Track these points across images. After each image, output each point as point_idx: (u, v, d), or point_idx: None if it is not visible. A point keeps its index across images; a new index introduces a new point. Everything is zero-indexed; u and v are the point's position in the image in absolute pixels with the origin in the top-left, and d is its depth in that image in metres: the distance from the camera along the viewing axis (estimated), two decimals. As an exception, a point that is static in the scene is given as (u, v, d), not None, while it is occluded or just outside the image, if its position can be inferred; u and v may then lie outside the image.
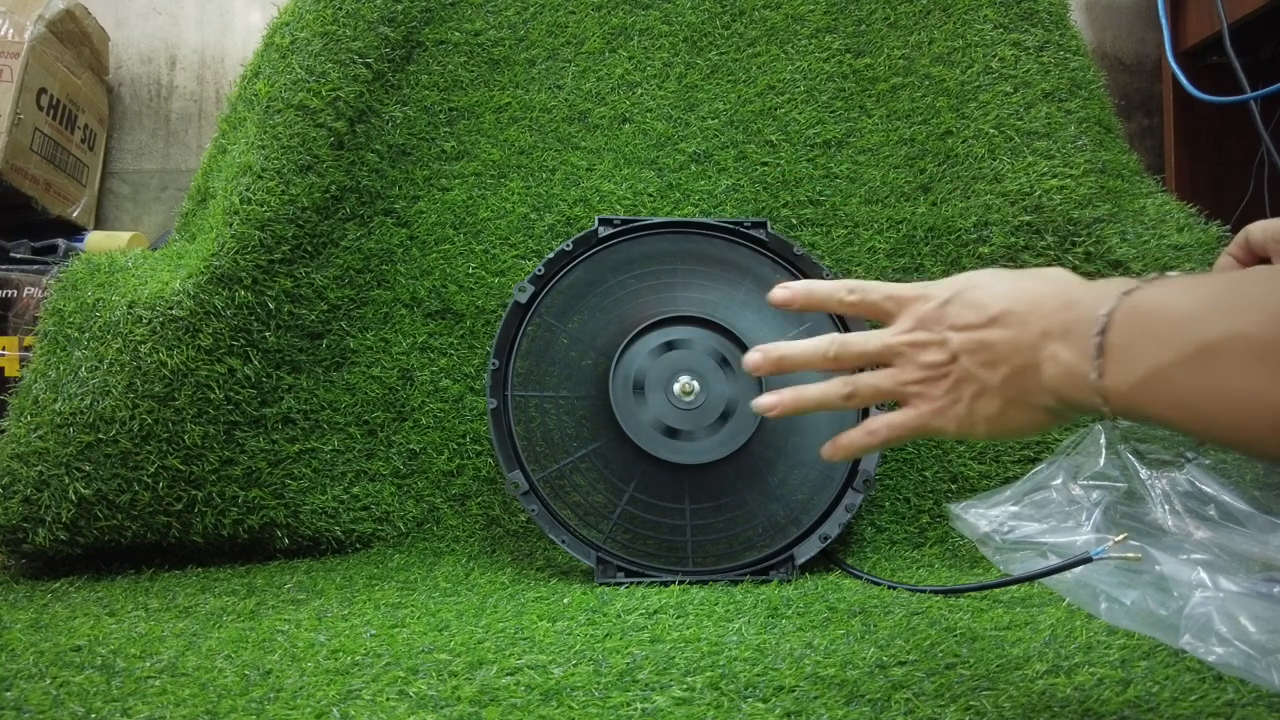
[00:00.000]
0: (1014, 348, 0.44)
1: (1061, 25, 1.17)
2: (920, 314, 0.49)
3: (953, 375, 0.47)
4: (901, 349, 0.49)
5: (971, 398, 0.47)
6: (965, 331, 0.46)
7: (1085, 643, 0.65)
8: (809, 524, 0.95)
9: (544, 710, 0.53)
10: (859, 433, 0.51)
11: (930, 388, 0.48)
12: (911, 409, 0.49)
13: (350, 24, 1.07)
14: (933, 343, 0.48)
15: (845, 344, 0.51)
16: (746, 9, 1.21)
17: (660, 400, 0.95)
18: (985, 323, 0.46)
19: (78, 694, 0.55)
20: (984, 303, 0.46)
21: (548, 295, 1.00)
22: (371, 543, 1.02)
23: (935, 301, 0.49)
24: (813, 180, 1.14)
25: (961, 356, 0.46)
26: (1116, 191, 1.08)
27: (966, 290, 0.48)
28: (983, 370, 0.46)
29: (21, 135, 1.40)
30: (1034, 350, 0.44)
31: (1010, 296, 0.46)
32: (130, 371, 0.89)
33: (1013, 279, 0.47)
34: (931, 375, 0.48)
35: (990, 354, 0.45)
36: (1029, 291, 0.46)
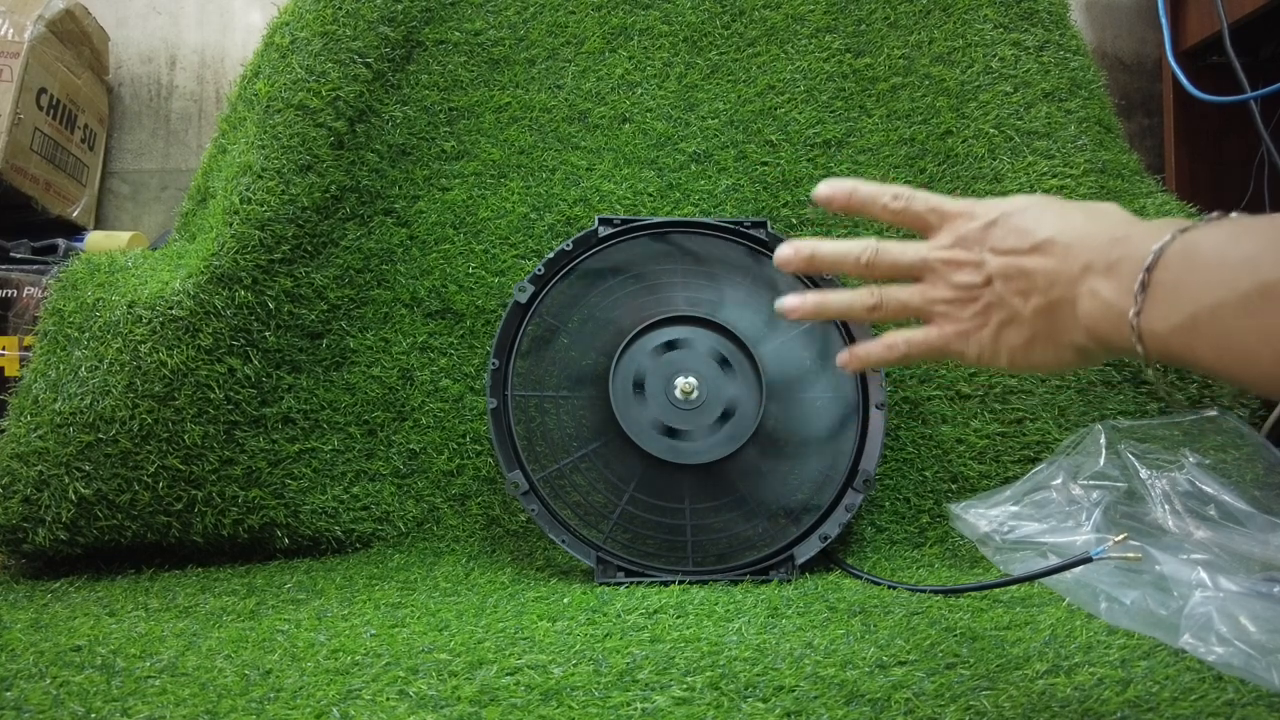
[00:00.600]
0: (1053, 278, 0.43)
1: (1061, 25, 1.17)
2: (962, 232, 0.47)
3: (984, 299, 0.46)
4: (936, 265, 0.47)
5: (999, 325, 0.45)
6: (1005, 256, 0.45)
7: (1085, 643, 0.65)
8: (809, 524, 0.95)
9: (544, 710, 0.53)
10: (877, 345, 0.50)
11: (958, 309, 0.46)
12: (934, 328, 0.48)
13: (350, 24, 1.07)
14: (969, 262, 0.46)
15: (880, 251, 0.49)
16: (746, 9, 1.21)
17: (660, 400, 0.95)
18: (1028, 249, 0.44)
19: (78, 694, 0.55)
20: (1029, 228, 0.45)
21: (548, 295, 1.00)
22: (371, 543, 1.02)
23: (980, 221, 0.47)
24: (813, 180, 1.14)
25: (996, 281, 0.45)
26: (1116, 191, 1.08)
27: (1014, 214, 0.46)
28: (1016, 298, 0.44)
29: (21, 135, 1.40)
30: (1073, 283, 0.42)
31: (1058, 225, 0.44)
32: (130, 371, 0.89)
33: (1064, 208, 0.46)
34: (962, 296, 0.46)
35: (1027, 282, 0.44)
36: (1078, 223, 0.44)
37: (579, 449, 0.96)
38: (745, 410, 0.96)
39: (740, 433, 0.95)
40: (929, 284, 0.48)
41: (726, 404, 0.96)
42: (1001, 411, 1.02)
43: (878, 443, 0.98)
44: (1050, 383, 1.03)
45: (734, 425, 0.96)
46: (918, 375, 1.07)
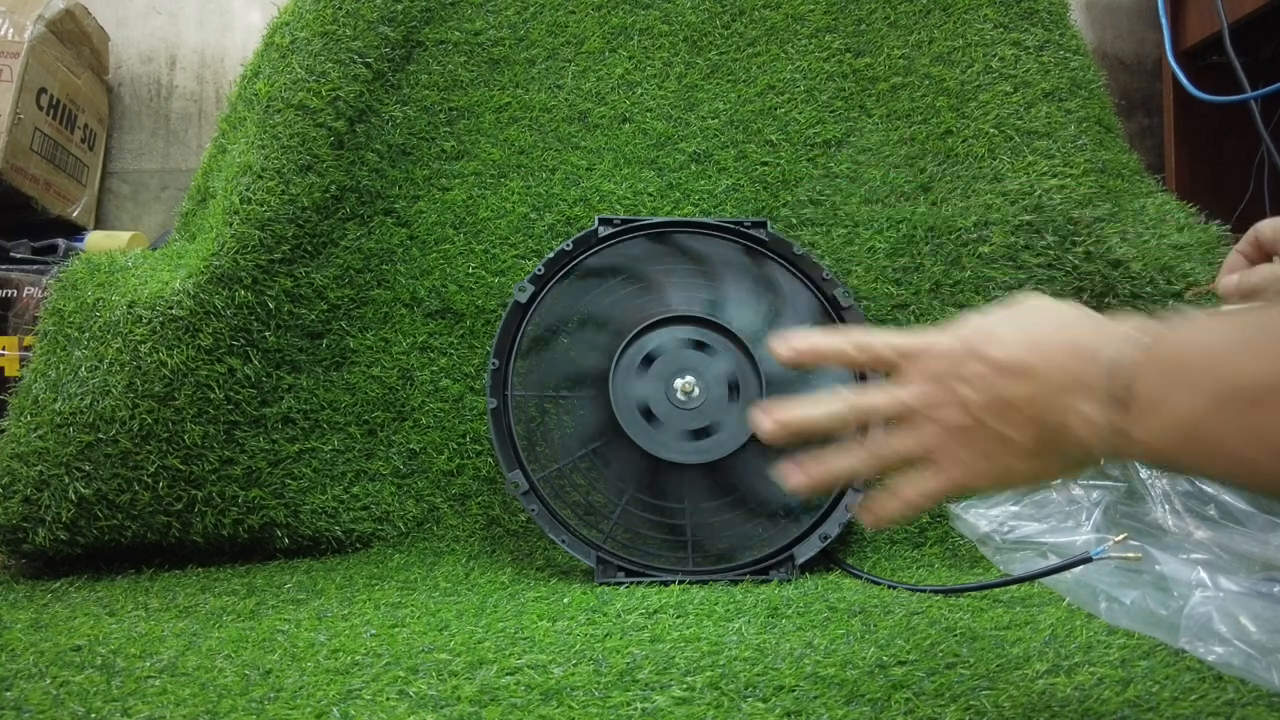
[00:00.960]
0: (1035, 405, 0.42)
1: (1061, 25, 1.17)
2: (929, 370, 0.46)
3: (977, 434, 0.44)
4: (917, 408, 0.46)
5: (1002, 455, 0.44)
6: (981, 390, 0.44)
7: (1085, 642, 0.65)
8: (809, 524, 0.95)
9: (544, 710, 0.53)
10: (897, 505, 0.49)
11: (955, 448, 0.45)
12: (941, 471, 0.46)
13: (350, 24, 1.07)
14: (948, 401, 0.45)
15: (859, 408, 0.49)
16: (746, 9, 1.21)
17: (660, 400, 0.95)
18: (1000, 378, 0.43)
19: (78, 694, 0.55)
20: (997, 358, 0.44)
21: (548, 295, 1.00)
22: (371, 542, 1.02)
23: (945, 356, 0.46)
24: (813, 180, 1.14)
25: (981, 414, 0.44)
26: (1116, 191, 1.08)
27: (975, 341, 0.45)
28: (1009, 428, 0.43)
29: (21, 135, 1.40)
30: (1056, 407, 0.42)
31: (1025, 346, 0.43)
32: (130, 371, 0.89)
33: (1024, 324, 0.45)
34: (954, 435, 0.45)
35: (1012, 412, 0.43)
36: (1041, 338, 0.43)
37: (579, 449, 0.96)
38: (747, 392, 0.96)
39: (740, 432, 0.95)
40: (917, 429, 0.47)
41: (729, 390, 0.96)
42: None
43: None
44: (1050, 383, 1.02)
45: (734, 425, 0.96)
46: (918, 375, 1.07)
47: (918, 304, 1.09)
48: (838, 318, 1.04)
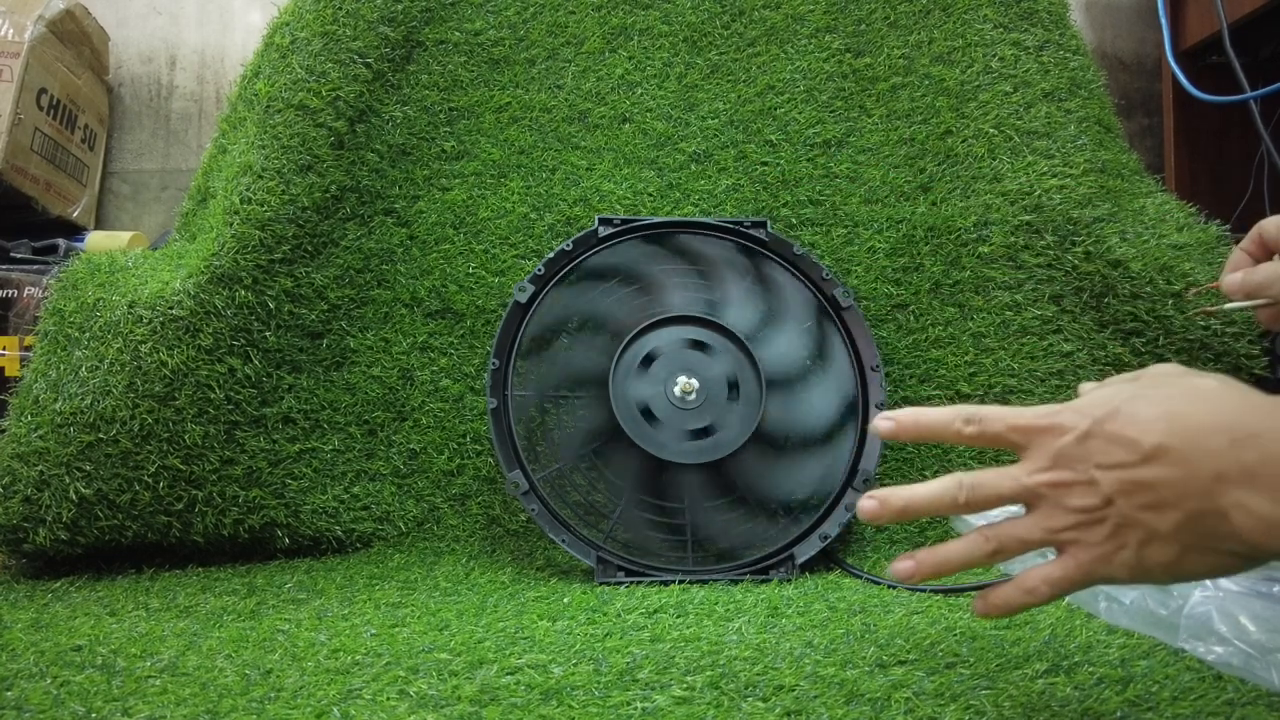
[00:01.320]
0: (1182, 492, 0.39)
1: (1061, 25, 1.17)
2: (1055, 449, 0.43)
3: (1110, 520, 0.41)
4: (1042, 490, 0.43)
5: (1139, 544, 0.41)
6: (1115, 471, 0.41)
7: (1085, 642, 0.65)
8: (809, 523, 0.95)
9: (544, 709, 0.53)
10: (1016, 592, 0.45)
11: (1086, 533, 0.42)
12: (1070, 558, 0.43)
13: (350, 24, 1.07)
14: (1078, 483, 0.42)
15: (975, 488, 0.45)
16: (746, 9, 1.21)
17: (660, 400, 0.95)
18: (1138, 460, 0.40)
19: (78, 693, 0.55)
20: (1132, 436, 0.40)
21: (548, 295, 1.00)
22: (372, 542, 1.02)
23: (1072, 434, 0.43)
24: (813, 180, 1.14)
25: (1117, 499, 0.41)
26: (1116, 191, 1.08)
27: (1107, 420, 0.42)
28: (1147, 514, 0.40)
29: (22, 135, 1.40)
30: (1210, 495, 0.38)
31: (1165, 427, 0.40)
32: (131, 371, 0.90)
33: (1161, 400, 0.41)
34: (1085, 520, 0.42)
35: (1153, 496, 0.40)
36: (1185, 419, 0.40)
37: (579, 449, 0.96)
38: (745, 410, 0.96)
39: (740, 432, 0.95)
40: (1043, 513, 0.43)
41: (728, 390, 0.96)
42: (1001, 411, 1.02)
43: (878, 442, 0.99)
44: (1050, 383, 1.03)
45: (743, 407, 0.96)
46: (918, 375, 1.08)
47: (917, 304, 1.09)
48: (838, 318, 1.04)
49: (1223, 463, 0.38)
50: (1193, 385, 0.42)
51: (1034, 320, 1.05)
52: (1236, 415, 0.39)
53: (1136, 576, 0.42)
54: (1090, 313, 1.04)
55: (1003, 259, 1.07)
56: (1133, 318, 1.01)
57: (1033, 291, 1.06)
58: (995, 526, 0.45)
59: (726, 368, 0.97)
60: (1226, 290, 0.67)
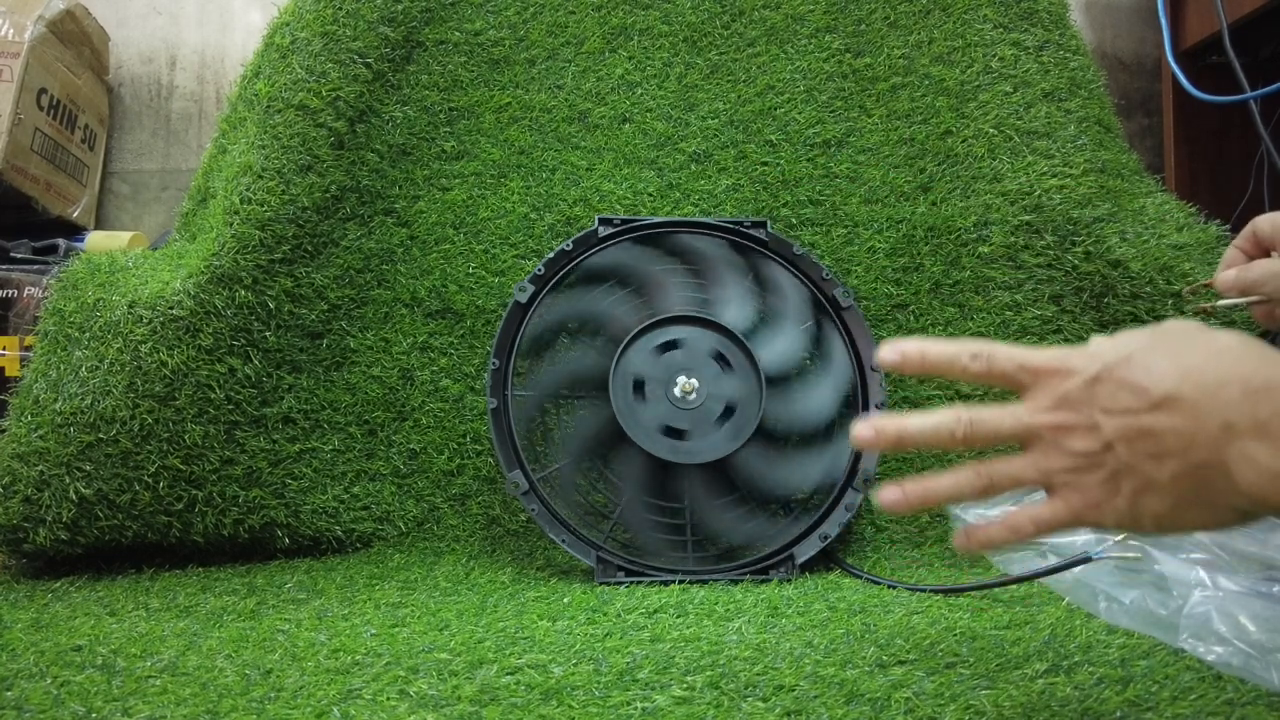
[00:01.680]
0: (1187, 441, 0.38)
1: (1061, 25, 1.17)
2: (1062, 391, 0.43)
3: (1108, 465, 0.41)
4: (1043, 431, 0.43)
5: (1134, 492, 0.40)
6: (1121, 416, 0.40)
7: (1085, 642, 0.65)
8: (809, 523, 0.95)
9: (544, 709, 0.53)
10: (1000, 529, 0.45)
11: (1082, 477, 0.42)
12: (1060, 501, 0.43)
13: (350, 24, 1.07)
14: (1081, 426, 0.42)
15: (975, 423, 0.44)
16: (746, 9, 1.21)
17: (660, 400, 0.95)
18: (1147, 408, 0.40)
19: (78, 693, 0.55)
20: (1143, 384, 0.40)
21: (548, 295, 1.00)
22: (372, 542, 1.02)
23: (1080, 377, 0.42)
24: (812, 180, 1.14)
25: (1118, 445, 0.40)
26: (1116, 191, 1.08)
27: (1119, 365, 0.41)
28: (1147, 463, 0.40)
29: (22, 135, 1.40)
30: (1216, 447, 0.38)
31: (1178, 376, 0.39)
32: (131, 371, 0.90)
33: (1178, 352, 0.41)
34: (1082, 464, 0.42)
35: (1156, 445, 0.39)
36: (1201, 370, 0.39)
37: (579, 449, 0.96)
38: (745, 410, 0.96)
39: (740, 432, 0.95)
40: (1041, 453, 0.43)
41: (726, 403, 0.96)
42: (1001, 411, 1.02)
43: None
44: (1050, 382, 1.02)
45: (734, 425, 0.96)
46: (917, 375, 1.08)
47: (917, 304, 1.09)
48: (838, 318, 1.04)
49: (1234, 413, 0.38)
50: (1211, 339, 0.41)
51: (1034, 320, 1.05)
52: (1254, 368, 0.38)
53: (1124, 524, 0.42)
54: (1090, 313, 1.04)
55: (1003, 259, 1.07)
56: (1133, 318, 1.01)
57: (1033, 291, 1.06)
58: (989, 462, 0.44)
59: (726, 367, 0.97)
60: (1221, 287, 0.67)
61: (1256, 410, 0.37)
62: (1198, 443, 0.38)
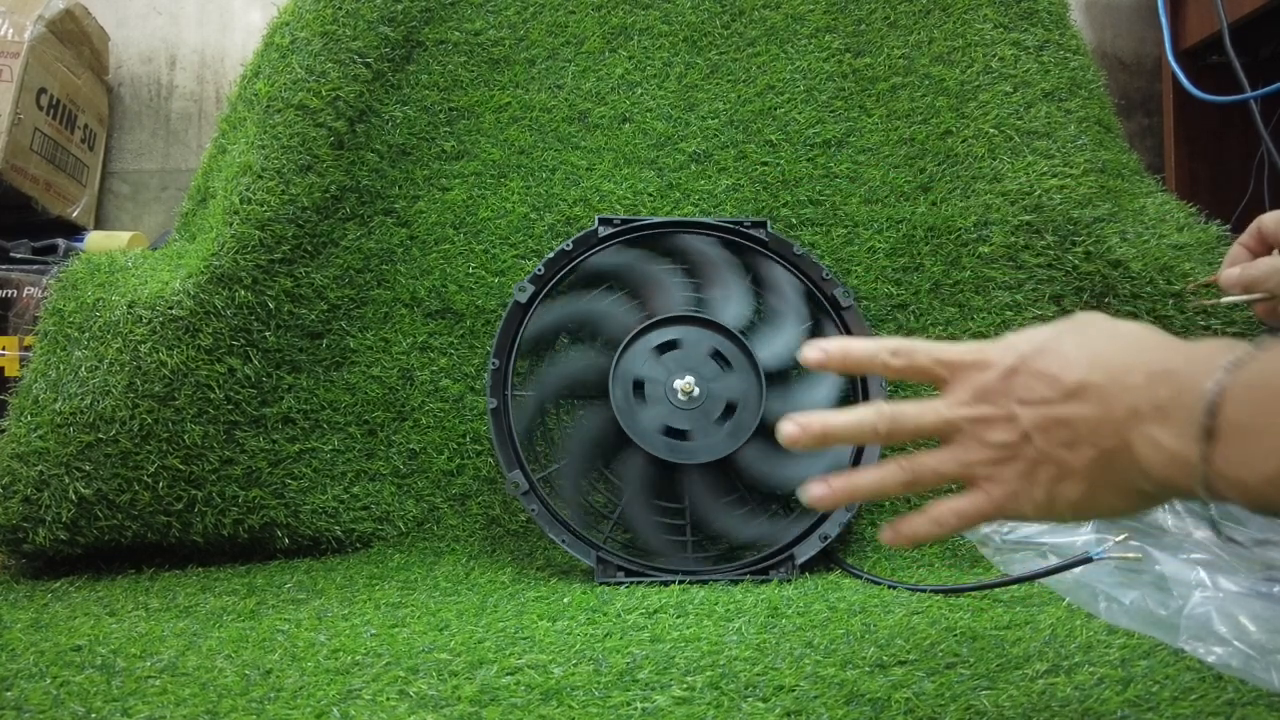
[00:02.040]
0: (1097, 427, 0.39)
1: (1061, 25, 1.17)
2: (980, 384, 0.43)
3: (1026, 455, 0.42)
4: (962, 424, 0.43)
5: (1051, 481, 0.41)
6: (1037, 407, 0.41)
7: (1085, 642, 0.65)
8: (809, 523, 0.95)
9: (544, 710, 0.53)
10: (925, 521, 0.46)
11: (1000, 469, 0.42)
12: (981, 493, 0.43)
13: (350, 24, 1.07)
14: (998, 418, 0.42)
15: (895, 419, 0.45)
16: (746, 9, 1.21)
17: (660, 400, 0.95)
18: (1060, 397, 0.40)
19: (78, 694, 0.55)
20: (1055, 373, 0.41)
21: (548, 295, 1.00)
22: (371, 542, 1.02)
23: (997, 370, 0.43)
24: (813, 180, 1.14)
25: (1034, 435, 0.41)
26: (1116, 191, 1.08)
27: (1033, 357, 0.42)
28: (1062, 450, 0.40)
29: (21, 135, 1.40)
30: (1122, 430, 0.39)
31: (1088, 364, 0.40)
32: (130, 371, 0.90)
33: (1087, 341, 0.42)
34: (1001, 455, 0.42)
35: (1069, 433, 0.40)
36: (1109, 358, 0.40)
37: (579, 449, 0.96)
38: (745, 409, 0.96)
39: (740, 432, 0.95)
40: (960, 446, 0.44)
41: (726, 403, 0.96)
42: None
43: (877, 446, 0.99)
44: (1050, 383, 1.02)
45: (734, 424, 0.96)
46: (918, 375, 1.07)
47: (917, 304, 1.09)
48: (837, 318, 1.04)
49: (1139, 398, 0.38)
50: (1116, 327, 0.42)
51: (1034, 320, 1.05)
52: (1155, 354, 0.39)
53: (1043, 514, 0.42)
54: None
55: (1003, 259, 1.07)
56: (1133, 318, 1.01)
57: (1033, 291, 1.06)
58: (911, 456, 0.45)
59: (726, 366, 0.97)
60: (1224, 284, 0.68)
61: (1157, 394, 0.38)
62: (1105, 428, 0.39)
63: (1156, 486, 0.39)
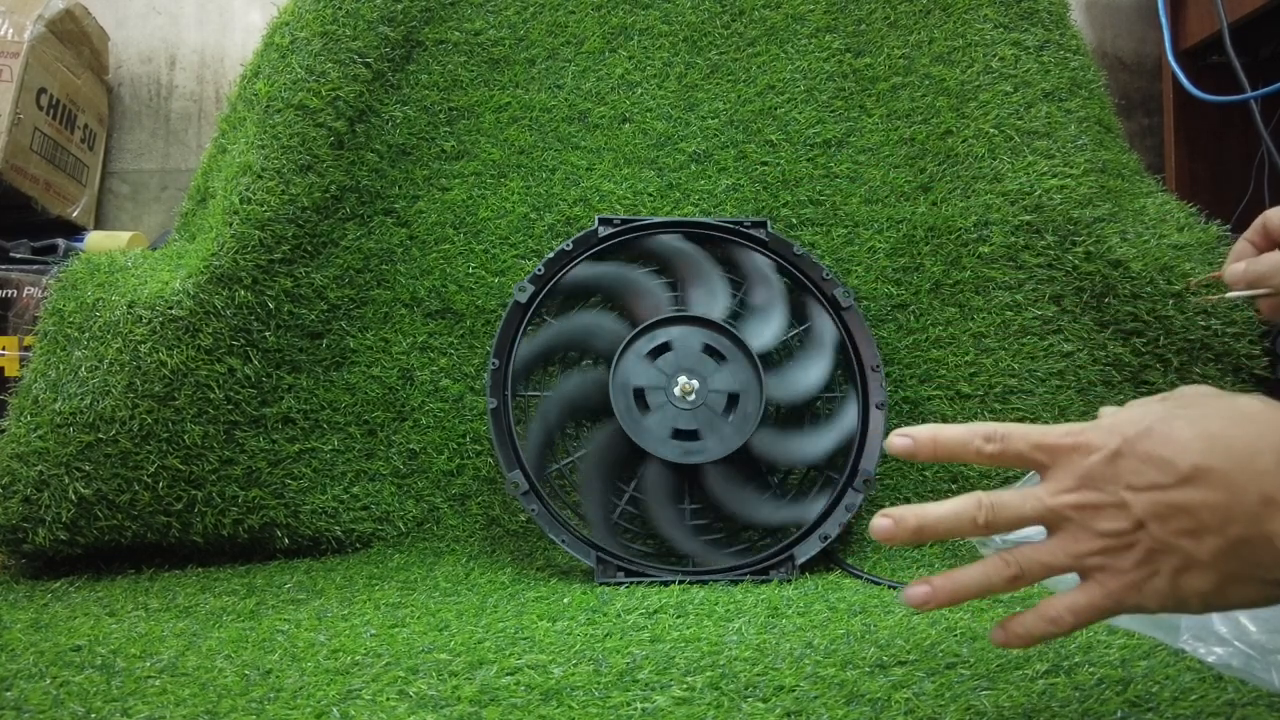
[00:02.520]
0: (1225, 516, 0.37)
1: (1061, 25, 1.17)
2: (1083, 470, 0.41)
3: (1142, 544, 0.39)
4: (1068, 513, 0.41)
5: (1174, 572, 0.39)
6: (1149, 492, 0.39)
7: (1085, 643, 0.65)
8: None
9: (544, 710, 0.53)
10: (1038, 622, 0.43)
11: (1115, 559, 0.40)
12: (1096, 585, 0.41)
13: (350, 24, 1.07)
14: (1108, 505, 0.40)
15: (996, 508, 0.43)
16: (746, 9, 1.21)
17: (660, 400, 0.95)
18: (1176, 483, 0.38)
19: (78, 694, 0.55)
20: (1168, 457, 0.38)
21: (548, 295, 1.00)
22: (371, 542, 1.02)
23: (1101, 454, 0.40)
24: (813, 180, 1.14)
25: (1150, 523, 0.39)
26: (1116, 191, 1.08)
27: (1141, 440, 0.40)
28: (1184, 540, 0.38)
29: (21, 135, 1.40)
30: (1256, 520, 0.36)
31: (1204, 448, 0.38)
32: (130, 371, 0.89)
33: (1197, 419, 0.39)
34: (1113, 545, 0.40)
35: (1191, 521, 0.38)
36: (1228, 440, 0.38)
37: (579, 449, 0.96)
38: (745, 410, 0.96)
39: (747, 421, 0.95)
40: (1069, 536, 0.41)
41: (726, 403, 0.96)
42: (1002, 411, 1.02)
43: (878, 442, 0.99)
44: (1050, 383, 1.03)
45: (734, 425, 0.96)
46: (918, 375, 1.08)
47: (917, 304, 1.09)
48: (837, 318, 1.04)
49: (1271, 484, 0.36)
50: (1233, 405, 0.40)
51: (1034, 320, 1.05)
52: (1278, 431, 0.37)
53: (1169, 606, 0.40)
54: (1091, 313, 1.04)
55: (1003, 259, 1.07)
56: (1133, 318, 1.01)
57: (1033, 291, 1.06)
58: (1016, 550, 0.43)
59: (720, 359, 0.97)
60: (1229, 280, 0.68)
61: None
62: (1236, 516, 0.37)
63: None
